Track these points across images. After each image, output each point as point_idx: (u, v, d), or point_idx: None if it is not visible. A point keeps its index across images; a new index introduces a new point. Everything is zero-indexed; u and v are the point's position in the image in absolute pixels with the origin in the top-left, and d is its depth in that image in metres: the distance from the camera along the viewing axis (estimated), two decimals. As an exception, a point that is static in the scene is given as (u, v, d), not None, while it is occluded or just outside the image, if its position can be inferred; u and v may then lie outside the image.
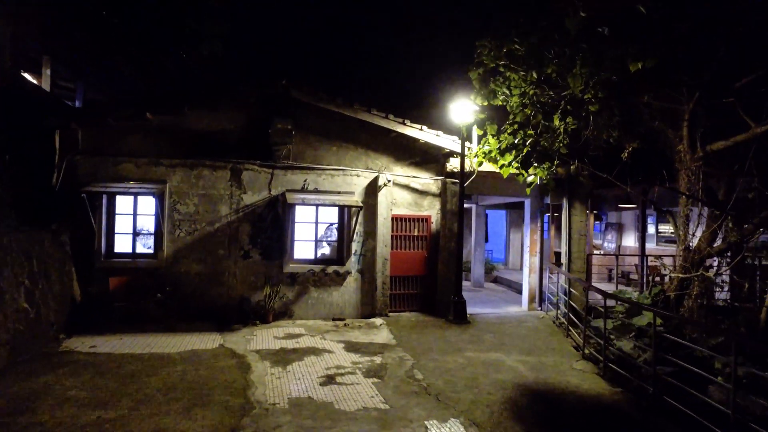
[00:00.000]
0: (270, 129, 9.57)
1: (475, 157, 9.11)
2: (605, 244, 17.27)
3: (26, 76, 11.95)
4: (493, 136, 8.43)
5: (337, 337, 8.77)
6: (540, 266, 11.73)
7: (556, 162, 8.65)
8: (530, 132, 7.54)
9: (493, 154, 8.81)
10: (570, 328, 9.25)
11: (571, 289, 9.78)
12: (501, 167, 9.02)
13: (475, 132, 10.58)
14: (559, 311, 10.39)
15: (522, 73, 7.93)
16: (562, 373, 7.24)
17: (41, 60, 12.48)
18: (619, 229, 16.88)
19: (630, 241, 16.37)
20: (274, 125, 9.49)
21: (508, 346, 8.51)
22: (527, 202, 11.94)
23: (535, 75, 7.61)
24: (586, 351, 8.03)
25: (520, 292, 14.64)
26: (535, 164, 8.39)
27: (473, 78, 8.21)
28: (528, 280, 11.75)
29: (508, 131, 7.88)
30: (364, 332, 9.21)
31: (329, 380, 6.56)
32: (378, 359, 7.57)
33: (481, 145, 8.67)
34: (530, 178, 9.12)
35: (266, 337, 8.59)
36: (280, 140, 9.67)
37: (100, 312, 8.78)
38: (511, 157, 8.25)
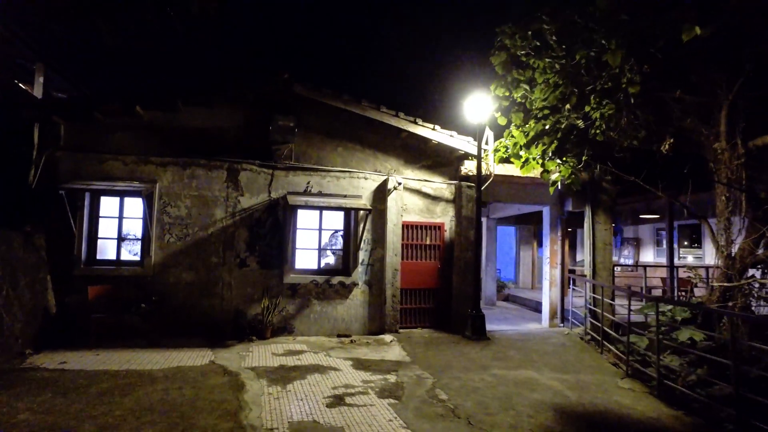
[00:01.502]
0: (270, 126, 8.64)
1: (495, 152, 8.15)
2: (621, 260, 16.19)
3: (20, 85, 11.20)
4: (517, 127, 7.48)
5: (343, 354, 7.63)
6: (561, 279, 10.66)
7: (589, 152, 7.71)
8: (567, 113, 6.56)
9: (515, 149, 7.85)
10: (605, 343, 8.12)
11: (606, 301, 8.67)
12: (523, 164, 8.06)
13: (492, 135, 9.66)
14: (587, 326, 9.28)
15: (548, 60, 7.04)
16: (608, 392, 6.11)
17: (33, 68, 11.76)
18: (636, 243, 15.85)
19: (648, 256, 15.32)
20: (275, 122, 8.56)
21: (538, 363, 7.37)
22: (546, 210, 10.94)
23: (560, 62, 6.74)
24: (624, 367, 6.91)
25: (535, 310, 13.56)
26: (568, 155, 7.42)
27: (496, 64, 7.30)
28: (548, 294, 10.65)
29: (538, 115, 6.92)
30: (374, 349, 8.08)
31: (337, 401, 5.43)
32: (392, 378, 6.44)
33: (506, 136, 7.70)
34: (554, 176, 8.14)
35: (264, 354, 7.46)
36: (282, 139, 8.72)
37: (76, 325, 7.66)
38: (538, 150, 7.28)
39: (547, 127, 6.82)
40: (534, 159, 7.74)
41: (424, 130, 9.41)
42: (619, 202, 11.03)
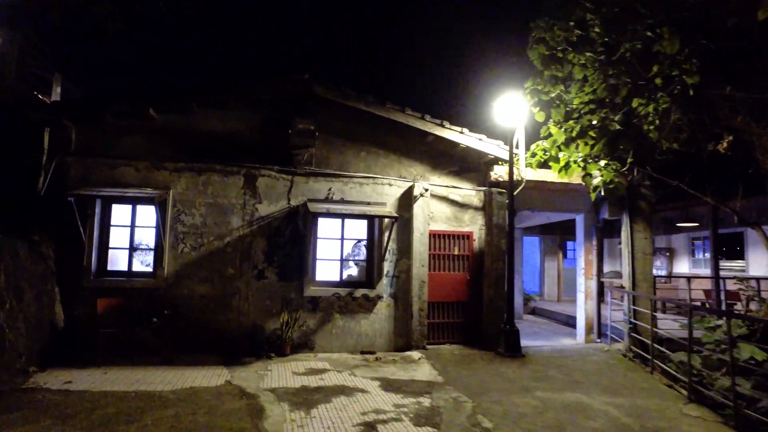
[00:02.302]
0: (290, 130, 8.10)
1: (531, 156, 7.51)
2: (653, 271, 15.29)
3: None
4: (557, 124, 6.84)
5: (369, 373, 6.98)
6: (597, 291, 9.91)
7: (629, 154, 7.07)
8: (609, 111, 5.89)
9: (554, 151, 7.21)
10: (655, 362, 7.36)
11: (652, 315, 7.92)
12: (563, 168, 7.40)
13: (523, 139, 9.02)
14: (629, 342, 8.52)
15: (588, 54, 6.42)
16: (675, 421, 5.37)
17: (51, 78, 11.45)
18: (670, 254, 15.00)
19: (683, 267, 14.45)
20: (295, 126, 8.02)
21: (584, 384, 6.64)
22: (579, 218, 10.23)
23: (600, 58, 6.13)
24: (683, 389, 6.16)
25: (565, 323, 12.79)
26: (610, 158, 6.77)
27: (533, 58, 6.70)
28: (584, 308, 9.90)
29: (583, 111, 6.28)
30: (401, 367, 7.40)
31: (369, 430, 4.78)
32: (426, 401, 5.77)
33: (543, 134, 7.05)
34: (596, 180, 7.47)
35: (283, 373, 6.83)
36: (302, 143, 8.17)
37: (84, 340, 7.11)
38: (584, 150, 6.62)
39: (594, 122, 6.16)
40: (575, 161, 7.09)
41: (452, 133, 8.81)
42: (656, 208, 10.26)
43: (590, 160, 7.03)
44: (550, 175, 9.39)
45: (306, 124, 8.07)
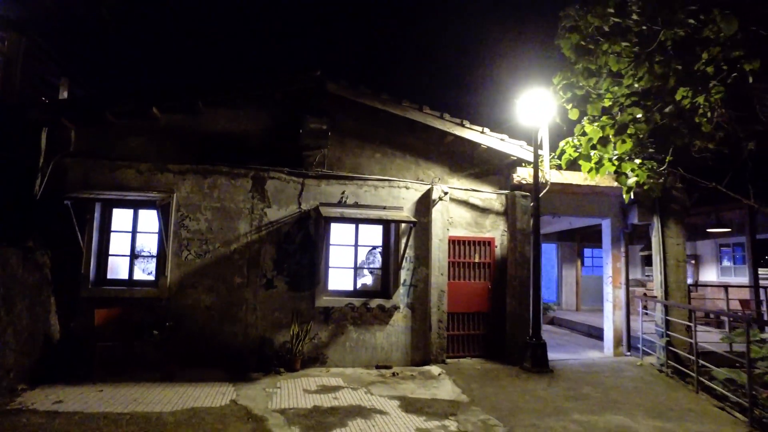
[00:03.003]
0: (300, 130, 7.56)
1: (559, 155, 6.89)
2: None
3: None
4: (592, 120, 6.23)
5: (387, 392, 6.35)
6: (626, 300, 9.22)
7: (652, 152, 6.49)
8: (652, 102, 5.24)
9: (586, 149, 6.59)
10: (701, 379, 6.67)
11: (689, 326, 7.23)
12: (595, 167, 6.78)
13: (547, 139, 8.41)
14: (665, 356, 7.84)
15: (625, 45, 5.83)
16: (738, 450, 4.70)
17: (59, 83, 11.05)
18: (695, 261, 14.23)
19: (710, 275, 13.68)
20: (306, 125, 7.47)
21: (625, 405, 5.97)
22: (606, 224, 9.56)
23: (634, 49, 5.54)
24: (739, 413, 5.48)
25: (587, 334, 12.08)
26: (644, 156, 6.15)
27: (565, 48, 6.10)
28: (612, 319, 9.21)
29: (625, 103, 5.65)
30: (421, 384, 6.77)
31: (392, 461, 4.16)
32: (452, 425, 5.13)
33: (577, 132, 6.41)
34: (630, 181, 6.82)
35: (294, 391, 6.22)
36: (313, 143, 7.62)
37: (80, 354, 6.55)
38: (624, 147, 6.00)
39: (638, 116, 5.54)
40: (610, 159, 6.46)
41: (472, 133, 8.22)
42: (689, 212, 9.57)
43: (626, 158, 6.40)
44: (576, 177, 8.77)
45: (318, 124, 7.52)
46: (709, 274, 13.73)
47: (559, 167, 8.87)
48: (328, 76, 7.69)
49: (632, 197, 8.84)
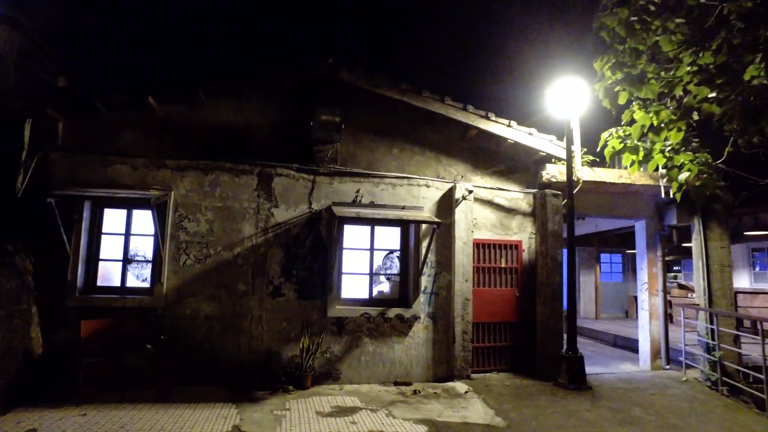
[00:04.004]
0: (311, 122, 6.78)
1: (603, 146, 6.06)
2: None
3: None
4: (644, 105, 5.40)
5: (410, 413, 5.50)
6: (664, 309, 8.35)
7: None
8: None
9: (630, 141, 5.76)
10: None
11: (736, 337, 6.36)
12: (635, 161, 5.94)
13: (578, 132, 7.59)
14: (717, 371, 6.97)
15: (679, 21, 5.04)
16: None
17: (56, 84, 10.32)
18: (725, 268, 13.29)
19: (742, 281, 12.76)
20: (318, 117, 6.69)
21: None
22: (640, 225, 8.72)
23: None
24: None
25: (612, 344, 11.24)
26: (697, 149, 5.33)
27: (613, 25, 5.30)
28: (648, 329, 8.34)
29: (692, 82, 4.82)
30: (447, 404, 5.91)
31: None
32: (494, 458, 4.28)
33: (625, 119, 5.58)
34: (683, 175, 5.98)
35: (305, 413, 5.38)
36: (325, 137, 6.83)
37: (65, 371, 5.73)
38: (678, 135, 5.18)
39: (711, 95, 4.70)
40: (662, 151, 5.63)
41: (498, 126, 7.42)
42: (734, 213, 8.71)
43: (682, 149, 5.57)
44: (610, 175, 7.95)
45: (330, 116, 6.73)
46: (742, 280, 12.81)
47: (592, 163, 8.07)
48: (342, 64, 6.92)
49: (671, 196, 8.03)
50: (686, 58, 4.94)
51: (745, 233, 11.37)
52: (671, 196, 8.06)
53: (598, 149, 6.16)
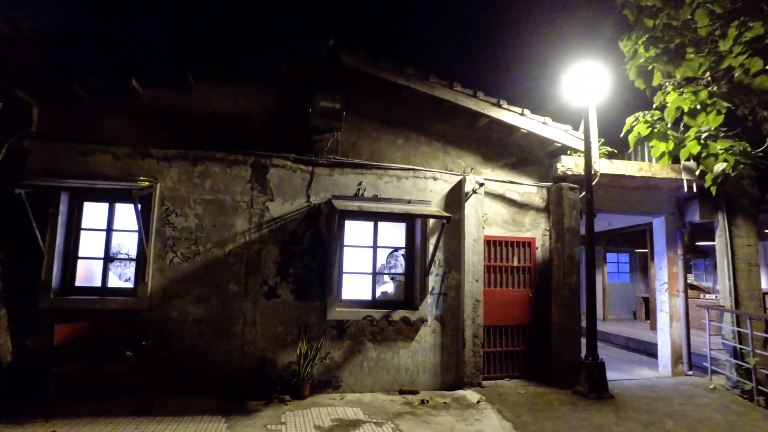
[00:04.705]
0: (310, 109, 6.20)
1: (627, 131, 5.46)
2: (718, 286, 12.97)
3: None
4: (677, 87, 4.82)
5: (419, 428, 4.89)
6: (686, 311, 7.76)
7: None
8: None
9: (662, 126, 5.18)
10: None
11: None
12: (664, 153, 5.35)
13: (595, 123, 7.00)
14: (735, 375, 6.38)
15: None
16: None
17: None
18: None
19: (764, 282, 12.16)
20: (317, 104, 6.09)
21: (732, 451, 4.52)
22: (658, 222, 8.13)
23: None
24: None
25: (624, 347, 10.73)
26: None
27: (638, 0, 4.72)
28: (668, 332, 7.75)
29: (742, 55, 4.23)
30: (459, 416, 5.31)
31: None
32: (519, 484, 3.67)
33: (657, 101, 5.00)
34: (718, 166, 5.39)
35: (303, 428, 4.78)
36: (325, 125, 6.23)
37: (37, 380, 5.12)
38: (717, 120, 4.60)
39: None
40: (697, 138, 5.04)
41: (510, 115, 6.83)
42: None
43: (721, 135, 4.98)
44: (629, 168, 7.37)
45: (330, 102, 6.13)
46: (765, 280, 12.19)
47: (610, 155, 7.49)
48: (344, 47, 6.33)
49: (693, 191, 7.46)
50: (731, 31, 4.36)
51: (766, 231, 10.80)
52: (694, 190, 7.49)
53: (621, 135, 5.56)
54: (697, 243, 12.44)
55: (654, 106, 5.08)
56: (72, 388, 5.10)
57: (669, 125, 5.22)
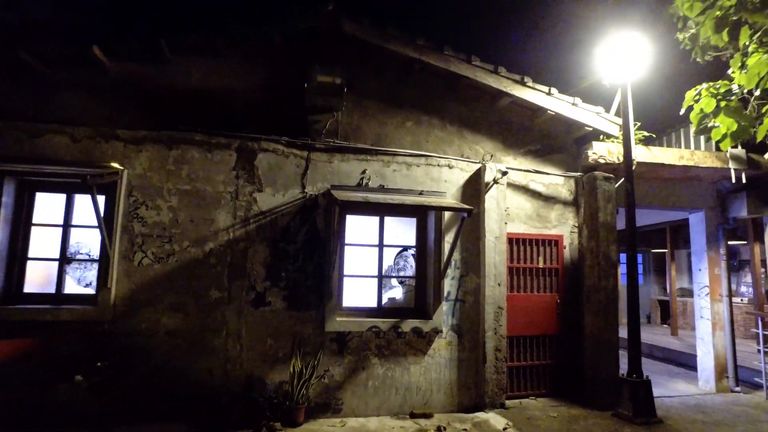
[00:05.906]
0: (306, 85, 5.20)
1: (688, 108, 4.48)
2: (742, 289, 12.04)
3: None
4: (759, 47, 3.83)
5: (440, 469, 3.88)
6: (731, 318, 6.77)
7: None
8: None
9: (734, 101, 4.20)
10: None
11: None
12: (727, 134, 4.38)
13: (630, 104, 6.01)
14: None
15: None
16: None
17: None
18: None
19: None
20: (314, 79, 5.07)
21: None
22: (697, 218, 7.15)
23: None
24: None
25: (648, 355, 9.63)
26: None
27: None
28: (711, 342, 6.76)
29: None
30: (485, 450, 4.30)
31: None
32: None
33: (734, 67, 4.02)
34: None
35: (294, 472, 3.76)
36: (323, 104, 5.22)
37: (-31, 410, 4.10)
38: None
39: None
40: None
41: (536, 94, 5.84)
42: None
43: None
44: (669, 156, 6.39)
45: (329, 77, 5.11)
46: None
47: (644, 140, 6.51)
48: (345, 12, 5.32)
49: (743, 181, 6.47)
50: None
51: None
52: (743, 181, 6.51)
53: (681, 111, 4.57)
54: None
55: (730, 71, 4.08)
56: (11, 419, 4.08)
57: (738, 101, 4.24)
